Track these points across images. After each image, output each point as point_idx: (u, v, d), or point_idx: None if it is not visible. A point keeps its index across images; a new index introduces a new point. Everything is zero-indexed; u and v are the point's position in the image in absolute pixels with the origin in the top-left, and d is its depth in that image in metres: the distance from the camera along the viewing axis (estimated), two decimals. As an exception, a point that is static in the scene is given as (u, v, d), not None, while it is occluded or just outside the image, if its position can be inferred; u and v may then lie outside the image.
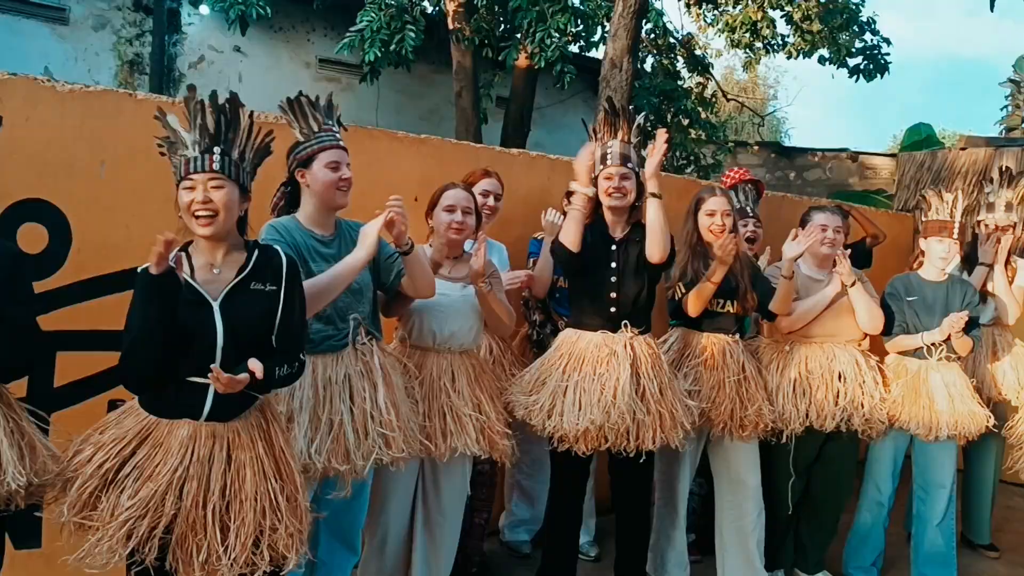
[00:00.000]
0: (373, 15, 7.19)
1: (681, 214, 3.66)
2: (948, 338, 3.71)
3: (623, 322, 3.28)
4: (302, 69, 9.72)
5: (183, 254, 2.23)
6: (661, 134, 3.18)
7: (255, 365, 2.14)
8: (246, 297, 2.24)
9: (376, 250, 2.70)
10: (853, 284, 3.66)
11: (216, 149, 2.22)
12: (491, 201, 3.67)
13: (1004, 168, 4.59)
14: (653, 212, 3.21)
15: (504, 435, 3.19)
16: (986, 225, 4.41)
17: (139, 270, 2.11)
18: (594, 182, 3.33)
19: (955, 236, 3.81)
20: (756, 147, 12.03)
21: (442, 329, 3.16)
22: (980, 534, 4.64)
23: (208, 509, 2.18)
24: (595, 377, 3.17)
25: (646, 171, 3.21)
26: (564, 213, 4.00)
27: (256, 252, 2.31)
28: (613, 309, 3.31)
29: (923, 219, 3.97)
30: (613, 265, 3.34)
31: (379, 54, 7.14)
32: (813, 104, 42.56)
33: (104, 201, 3.09)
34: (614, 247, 3.37)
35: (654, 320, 3.46)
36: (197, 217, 2.18)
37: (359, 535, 3.10)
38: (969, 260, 4.44)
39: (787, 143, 18.35)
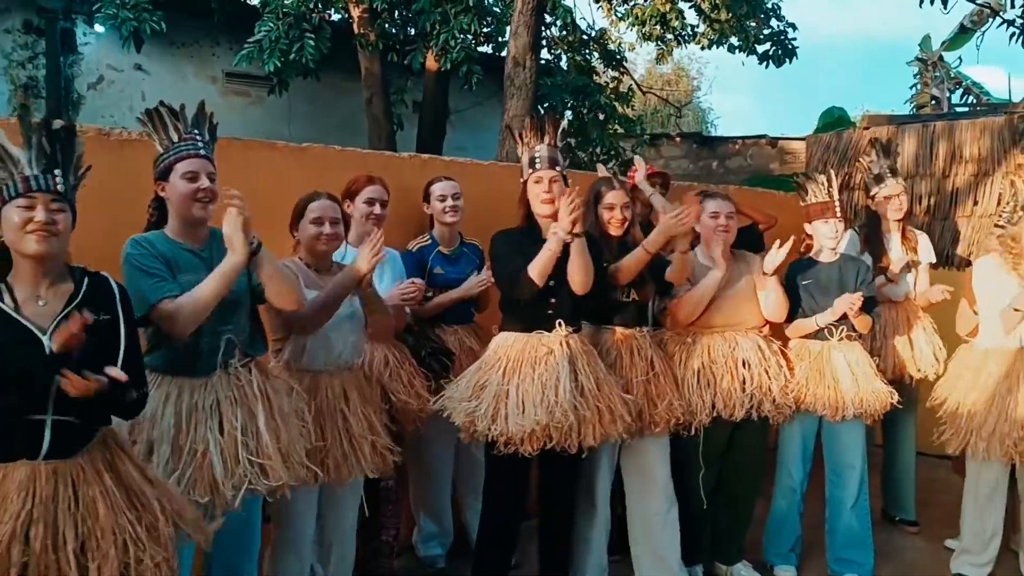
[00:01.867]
0: (271, 25, 7.00)
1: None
2: (845, 317, 3.70)
3: (557, 321, 3.22)
4: (208, 84, 9.45)
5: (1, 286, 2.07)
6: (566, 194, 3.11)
7: (116, 372, 2.02)
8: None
9: (247, 251, 2.53)
10: (774, 273, 3.64)
11: (56, 172, 2.11)
12: (377, 209, 3.53)
13: (873, 139, 4.67)
14: (576, 251, 3.15)
15: (390, 451, 3.12)
16: (884, 196, 4.44)
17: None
18: (523, 186, 3.30)
19: (839, 215, 3.81)
20: (678, 138, 12.11)
21: (330, 349, 3.04)
22: (904, 509, 4.67)
23: (61, 552, 2.03)
24: (535, 377, 3.13)
25: (561, 219, 3.08)
26: (430, 215, 3.95)
27: (85, 279, 2.16)
28: (550, 311, 3.25)
29: (803, 204, 3.96)
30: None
31: (279, 64, 6.95)
32: (740, 93, 43.16)
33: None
34: None
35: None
36: (31, 233, 2.03)
37: (254, 569, 2.96)
38: (870, 240, 4.46)
39: (713, 133, 18.53)
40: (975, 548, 3.89)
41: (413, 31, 8.31)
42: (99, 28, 8.41)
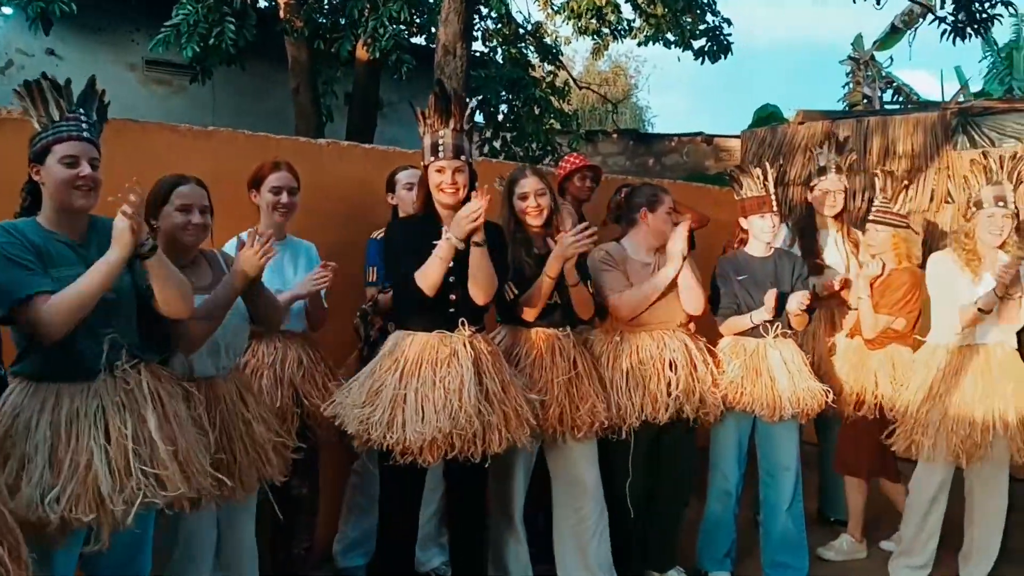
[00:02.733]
0: (189, 8, 6.66)
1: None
2: (779, 313, 3.59)
3: (460, 320, 3.02)
4: (126, 72, 9.04)
5: None
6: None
7: None
8: None
9: (133, 248, 2.28)
10: (683, 261, 3.51)
11: None
12: (284, 198, 3.28)
13: (833, 134, 4.59)
14: (477, 259, 2.95)
15: (289, 451, 2.92)
16: (821, 190, 4.35)
17: None
18: (424, 171, 3.08)
19: (775, 209, 3.70)
20: (615, 135, 12.04)
21: (218, 352, 2.80)
22: (840, 510, 4.57)
23: None
24: (436, 381, 2.91)
25: (458, 223, 2.87)
26: (394, 206, 3.74)
27: None
28: (452, 309, 3.04)
29: (737, 198, 3.83)
30: (451, 265, 3.05)
31: (197, 49, 6.62)
32: (677, 92, 43.55)
33: None
34: None
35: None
36: None
37: None
38: (804, 234, 4.37)
39: (650, 131, 18.55)
40: (914, 550, 3.81)
41: (343, 19, 8.05)
42: (7, 10, 7.98)
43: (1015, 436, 3.54)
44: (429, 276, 2.92)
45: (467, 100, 3.09)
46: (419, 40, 9.22)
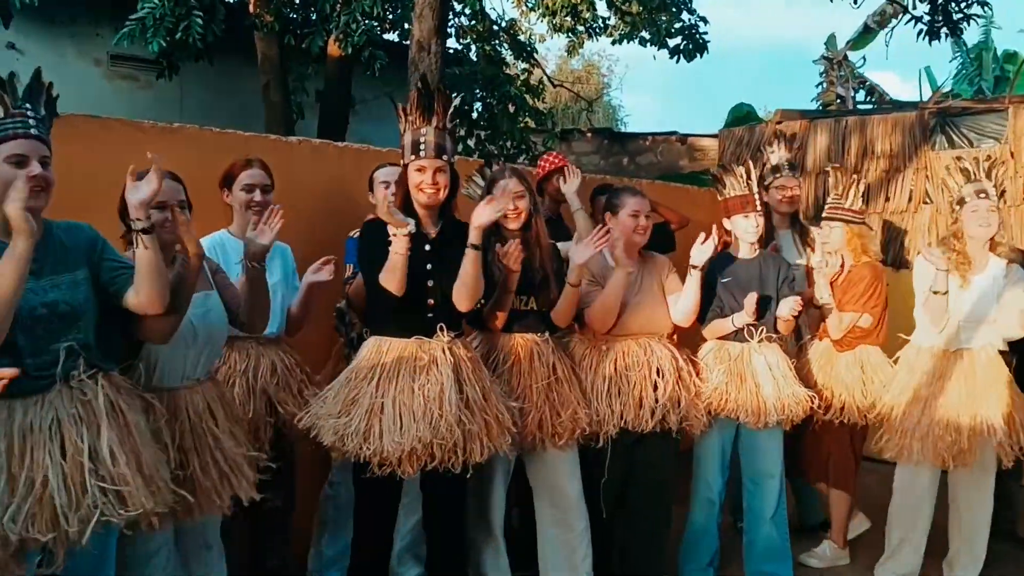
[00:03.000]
0: (155, 1, 6.45)
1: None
2: (760, 316, 3.52)
3: (439, 325, 2.91)
4: (91, 67, 8.78)
5: None
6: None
7: None
8: None
9: (31, 233, 2.07)
10: (703, 268, 3.42)
11: None
12: (257, 195, 3.17)
13: (781, 132, 4.60)
14: (469, 263, 2.86)
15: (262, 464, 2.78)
16: (777, 188, 4.31)
17: None
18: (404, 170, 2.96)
19: (759, 208, 3.62)
20: (589, 134, 11.97)
21: (186, 359, 2.66)
22: (814, 515, 4.50)
23: None
24: (415, 389, 2.81)
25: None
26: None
27: None
28: (430, 314, 2.93)
29: (721, 198, 3.74)
30: (429, 267, 2.94)
31: (164, 44, 6.43)
32: (648, 92, 43.67)
33: None
34: (428, 246, 2.98)
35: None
36: None
37: None
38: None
39: (624, 130, 18.51)
40: (900, 555, 3.76)
41: (314, 14, 7.88)
42: (-34, 2, 7.70)
43: (1002, 441, 3.50)
44: (388, 275, 2.82)
45: (451, 97, 2.98)
46: (392, 37, 9.10)
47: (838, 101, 10.88)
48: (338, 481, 3.61)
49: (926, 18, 6.95)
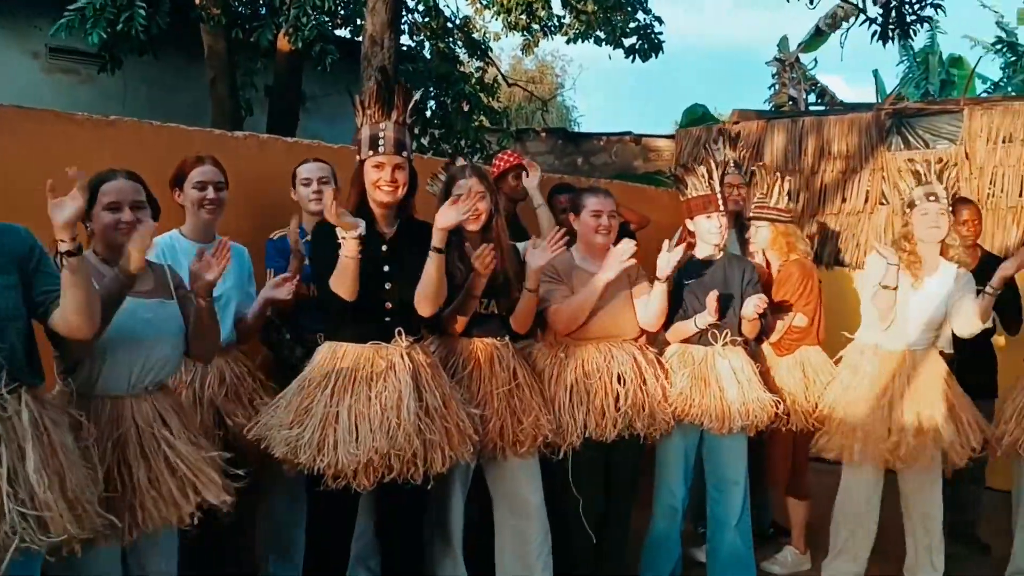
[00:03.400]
0: (96, -9, 6.20)
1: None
2: (723, 317, 3.43)
3: (397, 330, 2.77)
4: (28, 60, 8.43)
5: None
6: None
7: None
8: None
9: None
10: (666, 279, 3.31)
11: None
12: (210, 193, 3.02)
13: (721, 130, 4.62)
14: (433, 267, 2.73)
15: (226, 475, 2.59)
16: (725, 185, 4.25)
17: None
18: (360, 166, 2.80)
19: (722, 208, 3.54)
20: (543, 134, 11.90)
21: (132, 367, 2.47)
22: (765, 519, 4.45)
23: None
24: (372, 397, 2.67)
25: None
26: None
27: None
28: (388, 318, 2.79)
29: (683, 198, 3.65)
30: (386, 268, 2.80)
31: (104, 36, 6.17)
32: (601, 93, 43.88)
33: None
34: (385, 247, 2.84)
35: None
36: None
37: None
38: None
39: (577, 131, 18.50)
40: (845, 556, 3.72)
41: (263, 7, 7.69)
42: None
43: (953, 441, 3.48)
44: (339, 280, 2.68)
45: (411, 91, 2.85)
46: (344, 33, 8.92)
47: (790, 103, 10.91)
48: (276, 495, 3.43)
49: (880, 19, 6.97)
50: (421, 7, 9.23)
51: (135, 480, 2.41)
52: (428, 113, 9.12)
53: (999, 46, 14.76)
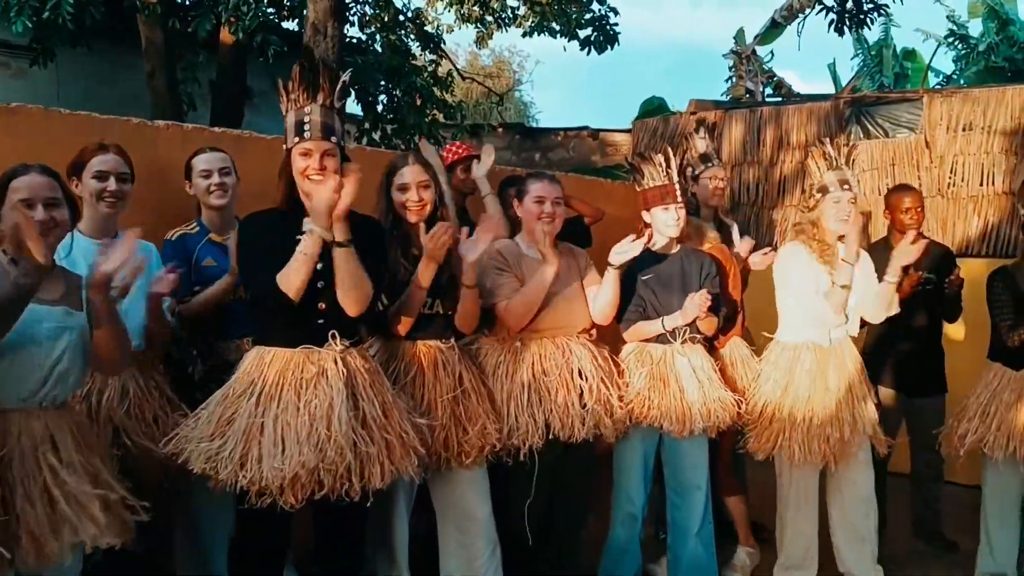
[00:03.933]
0: (21, -22, 5.88)
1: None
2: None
3: (331, 332, 2.54)
4: (-47, 52, 8.08)
5: None
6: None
7: None
8: None
9: None
10: (619, 266, 3.13)
11: None
12: (112, 184, 2.74)
13: (700, 119, 4.52)
14: (342, 262, 2.49)
15: (130, 508, 2.32)
16: (710, 178, 4.13)
17: None
18: (287, 154, 2.56)
19: (679, 200, 3.35)
20: (500, 129, 11.73)
21: (26, 380, 2.21)
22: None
23: None
24: (300, 406, 2.44)
25: (316, 209, 2.42)
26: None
27: None
28: (321, 321, 2.55)
29: (639, 189, 3.45)
30: (319, 267, 2.55)
31: (29, 25, 5.85)
32: (559, 88, 43.85)
33: None
34: None
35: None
36: None
37: None
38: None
39: (534, 126, 18.35)
40: (795, 561, 3.56)
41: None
42: None
43: (874, 431, 3.44)
44: (292, 278, 2.44)
45: (338, 73, 2.61)
46: (291, 25, 8.64)
47: (747, 95, 10.85)
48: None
49: (836, 7, 6.88)
50: (370, -2, 8.99)
51: (16, 507, 2.15)
52: (380, 107, 8.88)
53: (951, 39, 14.84)
